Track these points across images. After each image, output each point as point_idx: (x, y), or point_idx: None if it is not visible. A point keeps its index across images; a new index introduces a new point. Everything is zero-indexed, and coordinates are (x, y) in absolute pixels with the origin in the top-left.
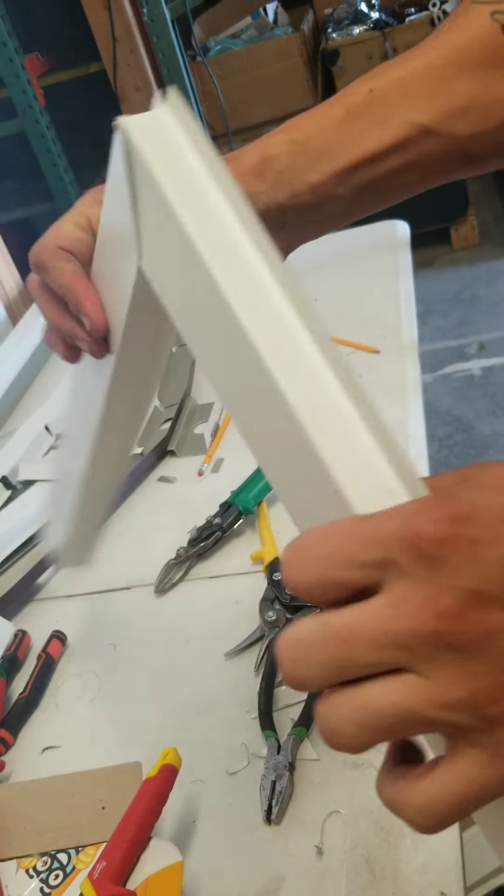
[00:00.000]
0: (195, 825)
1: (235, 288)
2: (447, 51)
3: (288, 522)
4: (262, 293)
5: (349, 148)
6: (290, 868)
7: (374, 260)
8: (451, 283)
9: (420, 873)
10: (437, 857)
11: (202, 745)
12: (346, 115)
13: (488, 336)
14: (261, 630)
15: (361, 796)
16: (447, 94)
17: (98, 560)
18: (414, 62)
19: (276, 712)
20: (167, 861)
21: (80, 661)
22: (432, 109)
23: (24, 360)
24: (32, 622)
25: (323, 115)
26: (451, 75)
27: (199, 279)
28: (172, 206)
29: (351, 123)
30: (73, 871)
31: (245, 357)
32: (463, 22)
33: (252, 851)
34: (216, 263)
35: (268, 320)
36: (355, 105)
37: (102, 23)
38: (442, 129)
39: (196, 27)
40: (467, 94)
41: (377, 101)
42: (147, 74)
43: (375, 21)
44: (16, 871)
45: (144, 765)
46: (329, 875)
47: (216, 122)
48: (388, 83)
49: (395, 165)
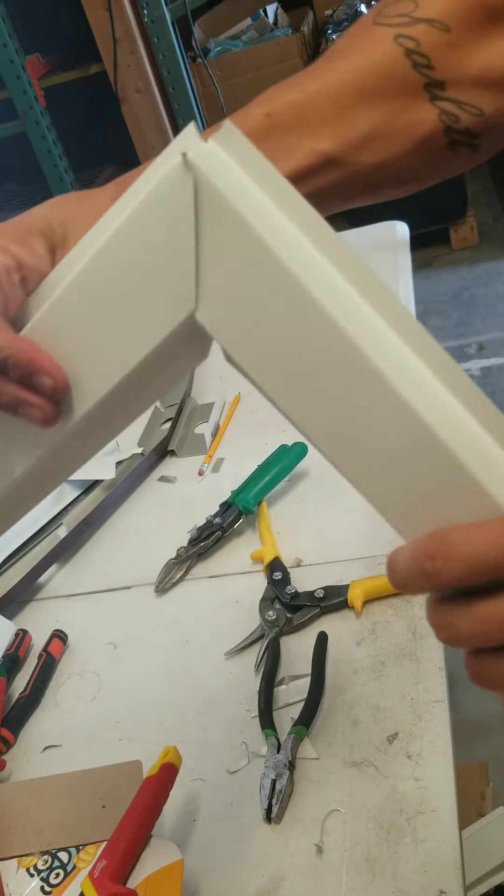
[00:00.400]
0: (195, 824)
1: (352, 325)
2: (348, 74)
3: (288, 523)
4: (371, 324)
5: None
6: (289, 867)
7: (374, 260)
8: (450, 283)
9: (419, 872)
10: (437, 856)
11: (202, 743)
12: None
13: (487, 336)
14: (261, 629)
15: (361, 795)
16: (349, 122)
17: (99, 559)
18: (311, 85)
19: (276, 711)
20: (167, 860)
21: (80, 660)
22: (334, 137)
23: None
24: (33, 622)
25: None
26: (352, 102)
27: (306, 320)
28: (269, 247)
29: None
30: (74, 869)
31: (370, 386)
32: (364, 43)
33: (252, 850)
34: (328, 303)
35: (387, 352)
36: (252, 130)
37: (103, 24)
38: (346, 158)
39: (196, 28)
40: (370, 122)
41: (276, 126)
42: (147, 76)
43: None
44: (16, 869)
45: (145, 763)
46: (329, 874)
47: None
48: (286, 107)
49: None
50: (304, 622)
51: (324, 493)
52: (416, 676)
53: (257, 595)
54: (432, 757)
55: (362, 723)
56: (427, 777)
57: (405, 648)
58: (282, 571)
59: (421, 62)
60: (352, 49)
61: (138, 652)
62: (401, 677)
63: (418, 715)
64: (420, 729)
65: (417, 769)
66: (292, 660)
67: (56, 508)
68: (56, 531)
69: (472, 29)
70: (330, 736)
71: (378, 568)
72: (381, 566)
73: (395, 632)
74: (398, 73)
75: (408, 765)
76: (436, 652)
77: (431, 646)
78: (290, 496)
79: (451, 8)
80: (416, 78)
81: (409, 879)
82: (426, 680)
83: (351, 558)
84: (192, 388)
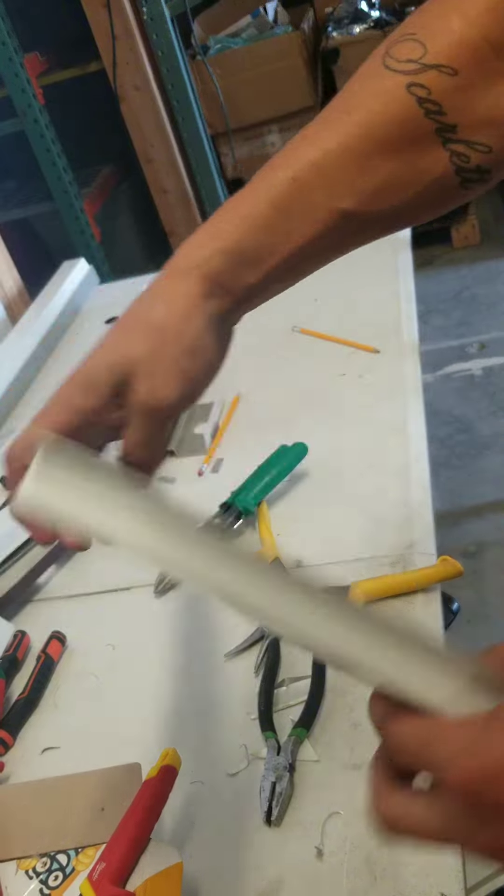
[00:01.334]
0: (195, 826)
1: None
2: (363, 128)
3: (288, 523)
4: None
5: (280, 246)
6: (289, 869)
7: (375, 260)
8: (451, 282)
9: (420, 875)
10: (438, 859)
11: (202, 745)
12: (273, 211)
13: (489, 336)
14: (260, 631)
15: (362, 798)
16: (367, 175)
17: (98, 560)
18: (330, 140)
19: (276, 713)
20: (167, 862)
21: (79, 661)
22: (354, 194)
23: (24, 360)
24: (32, 622)
25: (249, 212)
26: (369, 155)
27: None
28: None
29: (278, 220)
30: (73, 872)
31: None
32: (376, 89)
33: (252, 853)
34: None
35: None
36: (280, 198)
37: (102, 21)
38: (364, 210)
39: (196, 26)
40: (386, 173)
41: (299, 190)
42: (147, 73)
43: (376, 20)
44: (15, 871)
45: (144, 765)
46: (329, 877)
47: (216, 122)
48: (307, 168)
49: (321, 247)
50: None
51: (324, 493)
52: None
53: None
54: None
55: (363, 725)
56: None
57: None
58: None
59: (433, 109)
60: (365, 95)
61: (137, 653)
62: None
63: None
64: None
65: None
66: (292, 661)
67: None
68: None
69: (479, 69)
70: (330, 738)
71: (379, 569)
72: (381, 567)
73: None
74: (411, 121)
75: None
76: None
77: None
78: (290, 496)
79: (458, 50)
80: (428, 125)
81: (410, 883)
82: None
83: (351, 559)
84: None
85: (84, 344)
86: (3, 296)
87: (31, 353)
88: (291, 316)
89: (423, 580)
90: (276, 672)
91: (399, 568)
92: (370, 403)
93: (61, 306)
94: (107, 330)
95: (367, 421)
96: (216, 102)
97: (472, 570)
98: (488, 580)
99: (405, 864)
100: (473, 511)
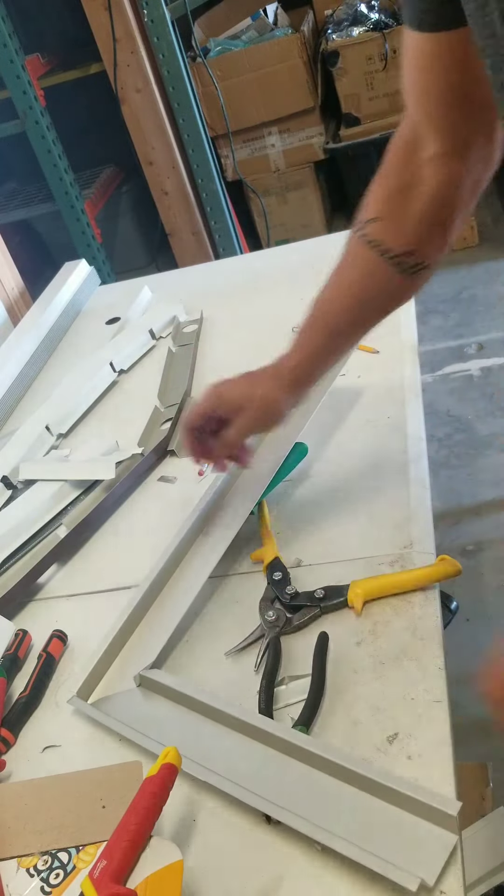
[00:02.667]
0: (195, 824)
1: None
2: (354, 295)
3: (288, 523)
4: None
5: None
6: (289, 867)
7: None
8: (450, 283)
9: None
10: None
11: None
12: (328, 337)
13: (487, 336)
14: (261, 630)
15: None
16: (362, 331)
17: (99, 560)
18: (337, 303)
19: (277, 711)
20: (167, 860)
21: (80, 660)
22: (349, 346)
23: (25, 360)
24: (33, 622)
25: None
26: (361, 306)
27: None
28: None
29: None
30: (74, 869)
31: None
32: (353, 258)
33: (252, 851)
34: None
35: None
36: (293, 384)
37: (103, 24)
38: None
39: (196, 28)
40: (371, 313)
41: (301, 377)
42: (147, 75)
43: (375, 22)
44: (16, 869)
45: (144, 764)
46: (329, 875)
47: (216, 123)
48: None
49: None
50: (304, 622)
51: (323, 493)
52: (416, 676)
53: (257, 596)
54: (432, 757)
55: (362, 723)
56: (427, 777)
57: (405, 648)
58: (282, 572)
59: (381, 247)
60: (349, 264)
61: None
62: (401, 677)
63: (418, 715)
64: (420, 729)
65: (417, 769)
66: (292, 660)
67: (56, 508)
68: (56, 531)
69: (389, 207)
70: (330, 736)
71: (378, 568)
72: (381, 566)
73: (395, 632)
74: (373, 264)
75: (408, 765)
76: (436, 652)
77: (431, 646)
78: (290, 496)
79: (380, 203)
80: (382, 260)
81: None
82: (426, 680)
83: (351, 558)
84: (191, 388)
85: (85, 344)
86: (5, 296)
87: (31, 353)
88: (291, 316)
89: (422, 579)
90: (277, 670)
91: (398, 567)
92: (369, 403)
93: (62, 307)
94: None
95: (366, 421)
96: (216, 104)
97: (471, 570)
98: (487, 579)
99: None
100: (472, 510)
